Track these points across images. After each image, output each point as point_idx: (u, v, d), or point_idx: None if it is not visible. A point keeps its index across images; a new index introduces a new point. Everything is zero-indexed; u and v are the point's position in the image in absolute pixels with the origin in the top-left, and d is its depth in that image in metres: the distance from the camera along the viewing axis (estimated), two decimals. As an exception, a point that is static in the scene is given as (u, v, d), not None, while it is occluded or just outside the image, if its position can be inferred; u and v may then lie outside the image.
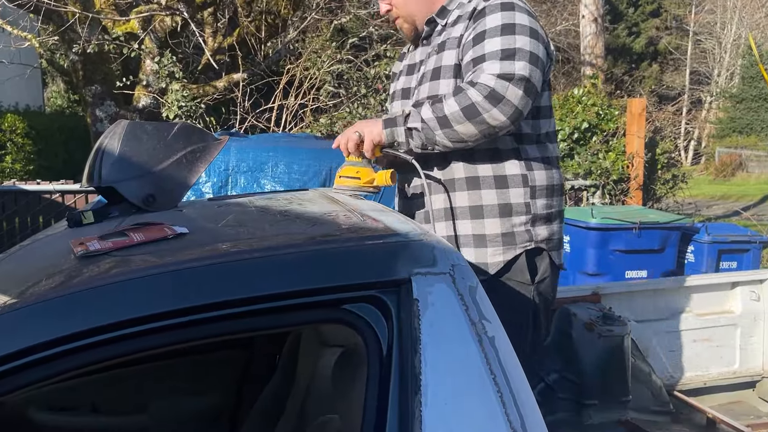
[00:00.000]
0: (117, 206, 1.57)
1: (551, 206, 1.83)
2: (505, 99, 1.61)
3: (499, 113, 1.62)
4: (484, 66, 1.64)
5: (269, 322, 1.15)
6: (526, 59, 1.64)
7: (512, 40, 1.65)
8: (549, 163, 1.83)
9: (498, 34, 1.67)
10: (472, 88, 1.63)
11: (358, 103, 7.11)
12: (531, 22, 1.70)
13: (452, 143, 1.69)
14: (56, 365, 1.00)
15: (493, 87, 1.61)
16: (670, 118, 9.32)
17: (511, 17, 1.68)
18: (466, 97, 1.63)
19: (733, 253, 4.67)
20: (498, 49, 1.65)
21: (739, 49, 28.15)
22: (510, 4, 1.71)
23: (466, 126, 1.64)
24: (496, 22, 1.68)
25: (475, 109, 1.62)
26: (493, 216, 1.77)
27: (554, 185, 1.84)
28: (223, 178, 3.49)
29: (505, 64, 1.63)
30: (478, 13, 1.74)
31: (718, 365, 3.12)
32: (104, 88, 6.77)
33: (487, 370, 1.08)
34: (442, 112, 1.65)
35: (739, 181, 20.96)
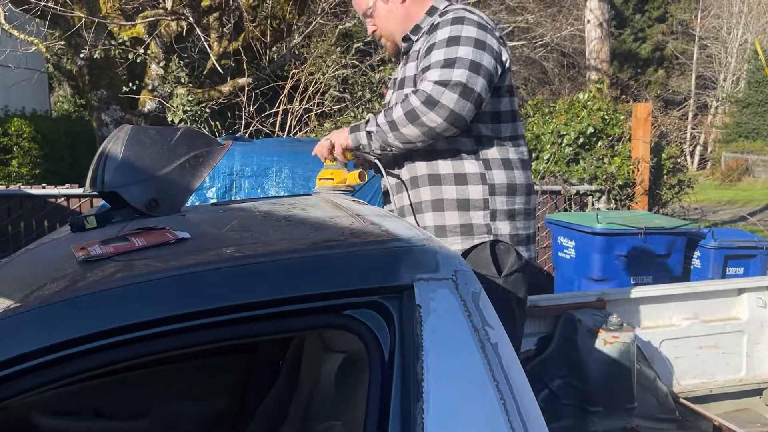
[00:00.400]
0: (120, 211, 1.57)
1: (513, 203, 1.96)
2: (440, 103, 1.78)
3: (435, 116, 1.79)
4: (427, 74, 1.82)
5: (271, 328, 1.15)
6: (465, 67, 1.80)
7: (455, 50, 1.82)
8: (510, 165, 1.97)
9: (444, 45, 1.84)
10: (413, 95, 1.82)
11: (363, 108, 7.12)
12: (478, 33, 1.86)
13: (402, 144, 1.88)
14: (58, 370, 1.00)
15: (429, 92, 1.79)
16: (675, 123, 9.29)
17: (459, 30, 1.86)
18: (408, 103, 1.82)
19: (739, 259, 4.64)
20: (441, 59, 1.82)
21: (745, 54, 28.08)
22: (460, 18, 1.89)
23: (409, 128, 1.83)
24: (444, 35, 1.86)
25: (414, 113, 1.80)
26: (452, 209, 1.92)
27: (515, 185, 1.97)
28: (228, 182, 3.49)
29: (444, 71, 1.80)
30: (433, 27, 1.94)
31: (724, 372, 3.09)
32: (110, 92, 6.79)
33: (490, 376, 1.07)
34: (391, 117, 1.86)
35: (746, 186, 20.87)
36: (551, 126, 6.85)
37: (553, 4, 16.45)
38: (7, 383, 0.97)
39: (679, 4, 30.90)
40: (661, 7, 30.03)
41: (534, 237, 2.08)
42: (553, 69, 17.28)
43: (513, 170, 1.97)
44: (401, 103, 1.84)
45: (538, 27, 14.98)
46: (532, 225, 2.06)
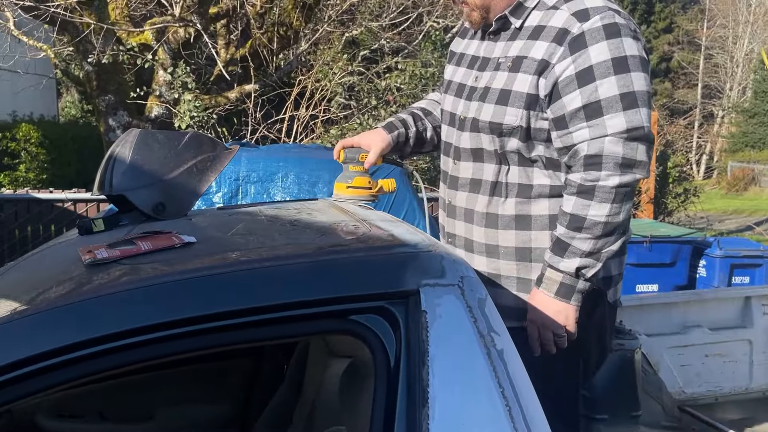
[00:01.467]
0: (127, 214, 1.58)
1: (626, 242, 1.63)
2: (638, 161, 1.46)
3: (639, 176, 1.48)
4: (607, 122, 1.45)
5: (277, 332, 1.15)
6: (646, 104, 1.47)
7: (628, 80, 1.45)
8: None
9: (611, 72, 1.45)
10: (599, 171, 1.45)
11: (369, 115, 7.14)
12: (638, 47, 1.49)
13: (625, 231, 1.54)
14: (63, 373, 1.00)
15: (624, 155, 1.44)
16: (681, 132, 9.29)
17: (620, 46, 1.46)
18: (605, 188, 1.45)
19: (745, 268, 4.62)
20: (616, 95, 1.44)
21: (751, 64, 28.05)
22: (614, 26, 1.47)
23: (624, 209, 1.49)
24: (603, 55, 1.45)
25: (621, 191, 1.46)
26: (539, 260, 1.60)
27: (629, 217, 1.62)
28: (234, 187, 3.50)
29: (629, 116, 1.44)
30: (575, 39, 1.47)
31: (730, 381, 3.07)
32: (117, 98, 6.83)
33: (496, 383, 1.07)
34: (597, 224, 1.46)
35: (752, 195, 20.80)
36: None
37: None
38: (14, 386, 0.98)
39: (684, 14, 30.94)
40: (667, 18, 30.08)
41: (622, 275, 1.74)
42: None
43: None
44: (593, 197, 1.44)
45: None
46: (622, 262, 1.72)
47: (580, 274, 1.49)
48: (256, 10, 7.34)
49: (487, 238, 1.65)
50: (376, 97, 7.35)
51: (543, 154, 1.58)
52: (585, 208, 1.46)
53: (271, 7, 7.50)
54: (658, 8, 29.86)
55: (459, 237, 1.75)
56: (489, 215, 1.65)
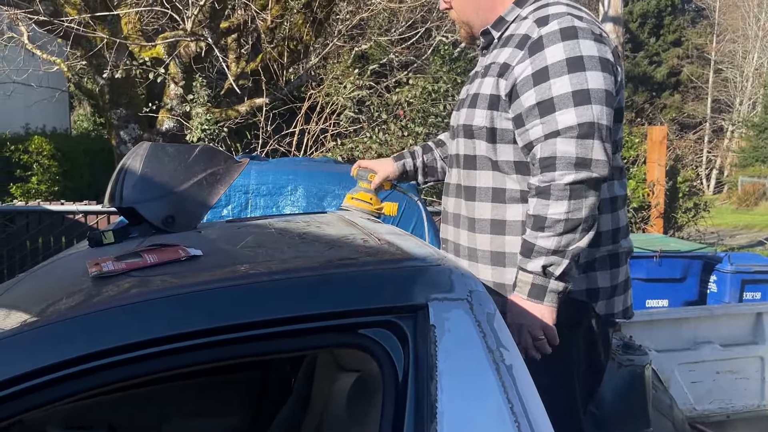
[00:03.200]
0: (137, 227, 1.59)
1: (593, 254, 1.62)
2: (593, 160, 1.46)
3: (595, 175, 1.47)
4: (558, 118, 1.47)
5: (284, 346, 1.14)
6: (601, 101, 1.48)
7: (582, 78, 1.47)
8: (615, 205, 1.65)
9: (564, 71, 1.48)
10: (554, 171, 1.46)
11: (379, 129, 7.16)
12: (599, 48, 1.52)
13: (592, 226, 1.51)
14: (71, 385, 1.01)
15: (576, 155, 1.45)
16: (691, 147, 9.26)
17: (575, 47, 1.49)
18: (560, 187, 1.46)
19: (757, 284, 4.57)
20: (568, 92, 1.47)
21: (761, 78, 27.97)
22: (571, 29, 1.51)
23: (585, 205, 1.47)
24: (558, 55, 1.49)
25: (578, 188, 1.46)
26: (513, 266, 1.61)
27: (600, 231, 1.59)
28: (243, 200, 3.51)
29: (580, 111, 1.46)
30: (533, 43, 1.54)
31: (741, 398, 3.04)
32: (129, 111, 6.90)
33: (505, 399, 1.06)
34: (558, 221, 1.46)
35: (763, 210, 20.63)
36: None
37: (568, 28, 16.52)
38: (24, 397, 0.98)
39: (694, 28, 30.93)
40: (676, 31, 30.07)
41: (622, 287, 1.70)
42: (568, 91, 17.23)
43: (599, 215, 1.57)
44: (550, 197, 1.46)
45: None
46: (617, 273, 1.68)
47: (548, 272, 1.49)
48: (266, 24, 7.41)
49: (469, 242, 1.71)
50: (385, 111, 7.37)
51: (512, 159, 1.62)
52: (545, 207, 1.48)
53: (281, 21, 7.57)
54: (668, 21, 29.87)
55: (449, 242, 1.81)
56: (470, 219, 1.70)
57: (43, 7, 6.01)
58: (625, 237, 1.72)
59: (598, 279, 1.64)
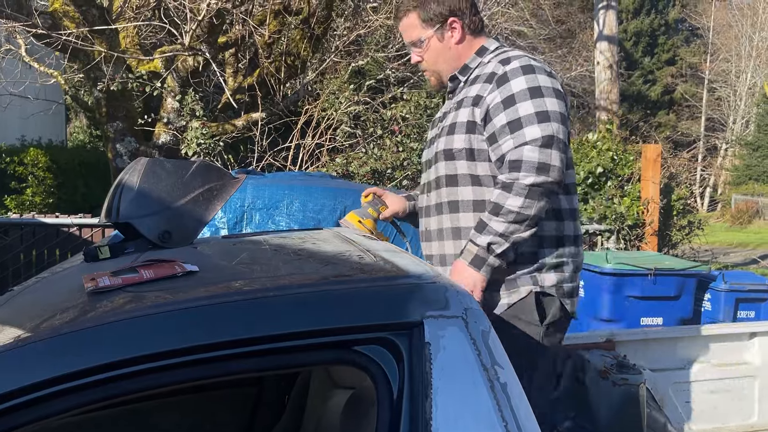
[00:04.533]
0: (133, 242, 1.59)
1: (561, 255, 1.91)
2: (551, 166, 1.77)
3: (552, 179, 1.77)
4: (526, 132, 1.78)
5: (279, 362, 1.14)
6: (558, 120, 1.80)
7: (542, 103, 1.80)
8: (560, 215, 1.92)
9: (528, 97, 1.80)
10: (518, 172, 1.76)
11: (374, 144, 7.18)
12: (552, 82, 1.85)
13: (535, 228, 1.81)
14: (65, 401, 1.00)
15: (539, 160, 1.75)
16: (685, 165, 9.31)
17: (534, 80, 1.83)
18: (521, 185, 1.76)
19: (751, 302, 4.58)
20: (532, 113, 1.78)
21: (754, 97, 28.23)
22: (529, 66, 1.86)
23: (537, 206, 1.77)
24: (521, 85, 1.82)
25: (535, 190, 1.76)
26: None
27: (563, 236, 1.92)
28: (239, 214, 3.51)
29: (543, 127, 1.77)
30: (500, 77, 1.86)
31: (736, 417, 3.03)
32: (126, 124, 6.90)
33: (499, 417, 1.06)
34: (512, 212, 1.77)
35: (756, 228, 20.74)
36: (561, 165, 6.88)
37: (563, 45, 16.69)
38: (17, 413, 0.98)
39: (688, 47, 31.26)
40: (670, 50, 30.39)
41: (578, 290, 2.01)
42: (563, 109, 17.37)
43: (563, 221, 1.92)
44: (512, 191, 1.76)
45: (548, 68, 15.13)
46: (577, 277, 1.99)
47: (491, 249, 1.79)
48: (264, 39, 7.45)
49: (455, 249, 1.92)
50: (381, 127, 7.40)
51: (488, 173, 1.90)
52: (504, 198, 1.78)
53: (279, 37, 7.61)
54: (662, 40, 30.17)
55: (435, 256, 2.03)
56: (455, 229, 1.95)
57: (42, 20, 6.02)
58: (581, 246, 2.01)
59: (564, 278, 1.92)
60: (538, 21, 14.14)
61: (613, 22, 12.06)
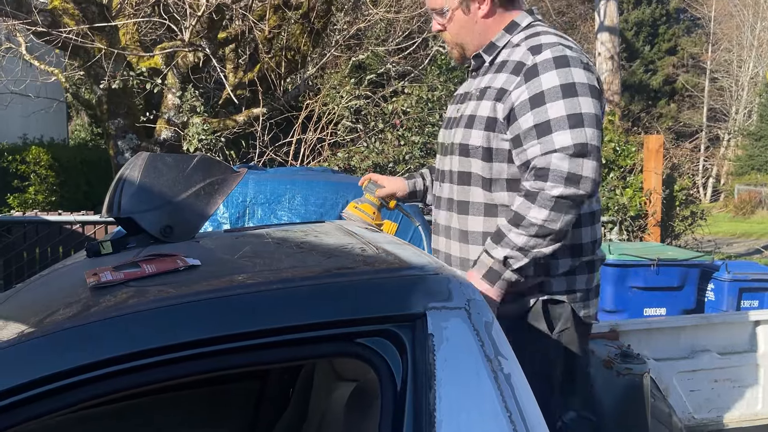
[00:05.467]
0: (135, 237, 1.59)
1: (575, 263, 1.76)
2: (583, 177, 1.58)
3: (581, 192, 1.59)
4: (555, 138, 1.59)
5: (283, 355, 1.14)
6: (594, 125, 1.60)
7: (576, 104, 1.60)
8: (577, 222, 1.72)
9: (559, 96, 1.60)
10: (545, 182, 1.58)
11: (376, 138, 7.18)
12: (587, 76, 1.64)
13: (559, 244, 1.64)
14: (67, 396, 1.00)
15: (569, 170, 1.57)
16: (687, 155, 9.29)
17: (568, 75, 1.62)
18: (547, 197, 1.58)
19: (754, 292, 4.58)
20: (563, 116, 1.59)
21: (757, 87, 28.12)
22: (563, 58, 1.64)
23: (563, 220, 1.60)
24: (553, 81, 1.62)
25: (562, 202, 1.58)
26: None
27: (581, 244, 1.77)
28: (241, 209, 3.52)
29: (575, 134, 1.58)
30: (529, 70, 1.66)
31: (740, 406, 3.03)
32: (127, 121, 6.90)
33: (503, 407, 1.06)
34: (534, 225, 1.59)
35: (759, 218, 20.69)
36: (563, 157, 6.87)
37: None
38: (18, 409, 0.98)
39: (689, 37, 31.11)
40: (671, 40, 30.24)
41: (595, 292, 1.86)
42: (565, 100, 17.32)
43: (580, 228, 1.75)
44: (536, 201, 1.58)
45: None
46: (592, 278, 1.83)
47: (507, 263, 1.62)
48: (264, 35, 7.44)
49: (461, 253, 1.82)
50: (382, 121, 7.39)
51: (505, 177, 1.74)
52: (527, 209, 1.60)
53: (279, 32, 7.60)
54: (662, 30, 30.04)
55: (441, 252, 1.91)
56: (462, 231, 1.81)
57: (42, 17, 6.02)
58: (600, 247, 1.87)
59: (576, 281, 1.78)
60: (539, 12, 14.05)
61: (614, 12, 12.01)
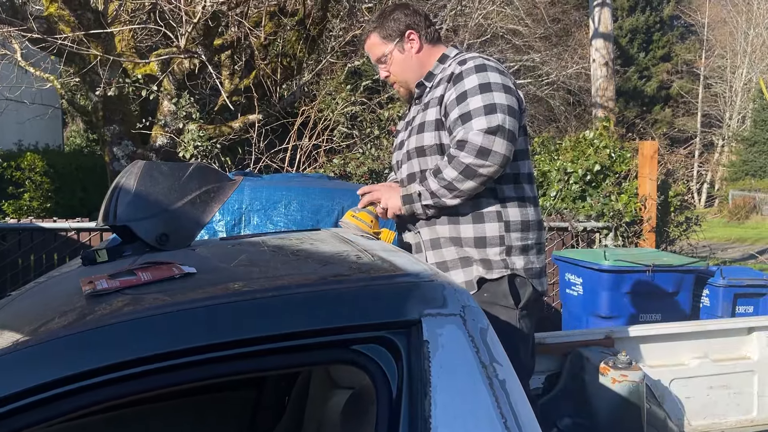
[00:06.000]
0: (131, 245, 1.59)
1: (526, 239, 2.08)
2: (493, 151, 1.92)
3: (490, 164, 1.93)
4: (472, 123, 1.95)
5: (278, 362, 1.15)
6: (504, 111, 1.95)
7: (490, 96, 1.96)
8: (524, 202, 2.10)
9: (478, 92, 1.98)
10: (461, 151, 1.93)
11: (371, 144, 7.19)
12: (502, 78, 2.02)
13: (460, 200, 2.00)
14: (62, 404, 1.00)
15: (481, 143, 1.91)
16: (682, 161, 9.32)
17: (485, 77, 2.00)
18: (459, 161, 1.93)
19: (749, 298, 4.59)
20: (480, 106, 1.95)
21: (750, 93, 28.28)
22: (482, 65, 2.03)
23: (467, 184, 1.95)
24: (474, 82, 2.00)
25: (471, 169, 1.93)
26: (470, 246, 2.05)
27: (529, 221, 2.10)
28: (237, 216, 3.51)
29: (488, 118, 1.93)
30: (456, 76, 2.05)
31: (735, 413, 3.04)
32: (123, 127, 6.89)
33: (498, 413, 1.07)
34: (445, 180, 1.97)
35: (754, 224, 20.78)
36: (558, 163, 6.89)
37: (558, 44, 16.69)
38: (14, 417, 0.98)
39: (683, 44, 31.29)
40: (665, 46, 30.39)
41: (545, 270, 2.19)
42: (560, 107, 17.44)
43: (527, 207, 2.09)
44: (451, 163, 1.95)
45: (544, 65, 15.19)
46: (543, 259, 2.17)
47: (421, 197, 2.03)
48: (260, 41, 7.45)
49: (430, 235, 2.12)
50: (378, 127, 7.40)
51: None
52: (444, 166, 1.98)
53: (275, 38, 7.61)
54: (656, 37, 30.20)
55: (411, 244, 2.18)
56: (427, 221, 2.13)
57: (37, 24, 6.02)
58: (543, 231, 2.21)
59: (531, 260, 2.09)
60: (534, 20, 14.15)
61: (608, 19, 12.08)
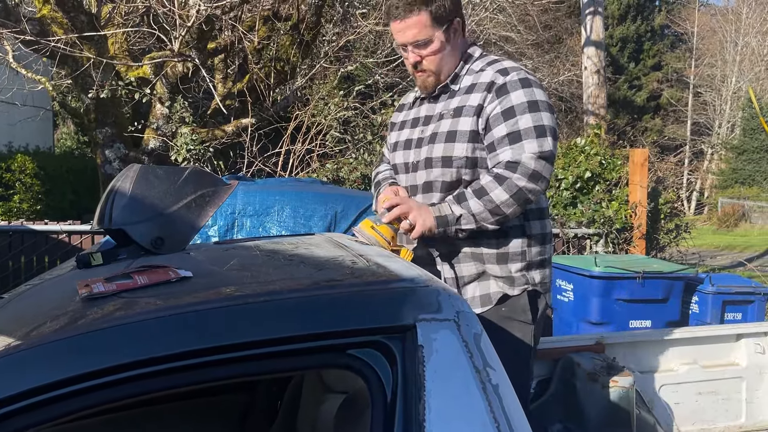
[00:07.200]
0: (126, 248, 1.59)
1: (544, 253, 2.02)
2: (543, 177, 1.88)
3: (539, 189, 1.88)
4: (525, 145, 1.87)
5: (273, 367, 1.15)
6: (553, 135, 1.90)
7: (539, 117, 1.89)
8: (542, 213, 2.03)
9: (527, 111, 1.89)
10: (514, 173, 1.85)
11: (364, 149, 7.20)
12: (546, 96, 1.95)
13: (502, 224, 1.91)
14: (54, 408, 1.00)
15: (534, 168, 1.85)
16: (672, 169, 9.39)
17: (532, 94, 1.91)
18: (513, 185, 1.85)
19: (737, 305, 4.63)
20: (531, 126, 1.88)
21: (740, 102, 28.53)
22: (527, 80, 1.93)
23: (513, 209, 1.87)
24: (520, 98, 1.90)
25: (522, 193, 1.86)
26: (491, 263, 1.96)
27: (546, 233, 2.04)
28: (230, 221, 3.50)
29: (540, 142, 1.87)
30: (499, 88, 1.92)
31: (724, 419, 3.07)
32: (115, 130, 6.86)
33: (491, 418, 1.08)
34: (493, 202, 1.86)
35: (742, 231, 20.94)
36: (549, 170, 6.92)
37: (550, 51, 16.80)
38: (6, 421, 0.98)
39: (673, 53, 31.55)
40: (656, 56, 30.65)
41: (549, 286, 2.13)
42: (551, 113, 17.47)
43: (545, 219, 2.04)
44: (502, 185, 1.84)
45: (536, 72, 15.27)
46: (552, 273, 2.12)
47: (459, 221, 1.89)
48: (253, 45, 7.45)
49: (447, 248, 1.99)
50: (371, 132, 7.42)
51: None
52: (493, 187, 1.87)
53: (268, 43, 7.62)
54: (647, 46, 30.44)
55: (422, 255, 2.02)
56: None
57: (30, 26, 6.00)
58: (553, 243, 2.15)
59: (546, 274, 2.03)
60: (526, 26, 14.23)
61: (600, 27, 12.17)
